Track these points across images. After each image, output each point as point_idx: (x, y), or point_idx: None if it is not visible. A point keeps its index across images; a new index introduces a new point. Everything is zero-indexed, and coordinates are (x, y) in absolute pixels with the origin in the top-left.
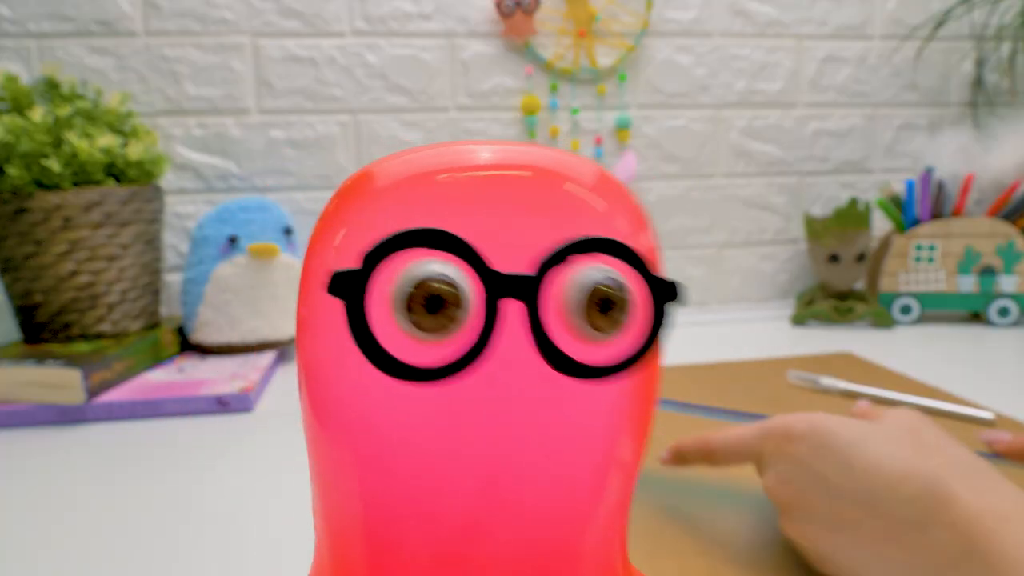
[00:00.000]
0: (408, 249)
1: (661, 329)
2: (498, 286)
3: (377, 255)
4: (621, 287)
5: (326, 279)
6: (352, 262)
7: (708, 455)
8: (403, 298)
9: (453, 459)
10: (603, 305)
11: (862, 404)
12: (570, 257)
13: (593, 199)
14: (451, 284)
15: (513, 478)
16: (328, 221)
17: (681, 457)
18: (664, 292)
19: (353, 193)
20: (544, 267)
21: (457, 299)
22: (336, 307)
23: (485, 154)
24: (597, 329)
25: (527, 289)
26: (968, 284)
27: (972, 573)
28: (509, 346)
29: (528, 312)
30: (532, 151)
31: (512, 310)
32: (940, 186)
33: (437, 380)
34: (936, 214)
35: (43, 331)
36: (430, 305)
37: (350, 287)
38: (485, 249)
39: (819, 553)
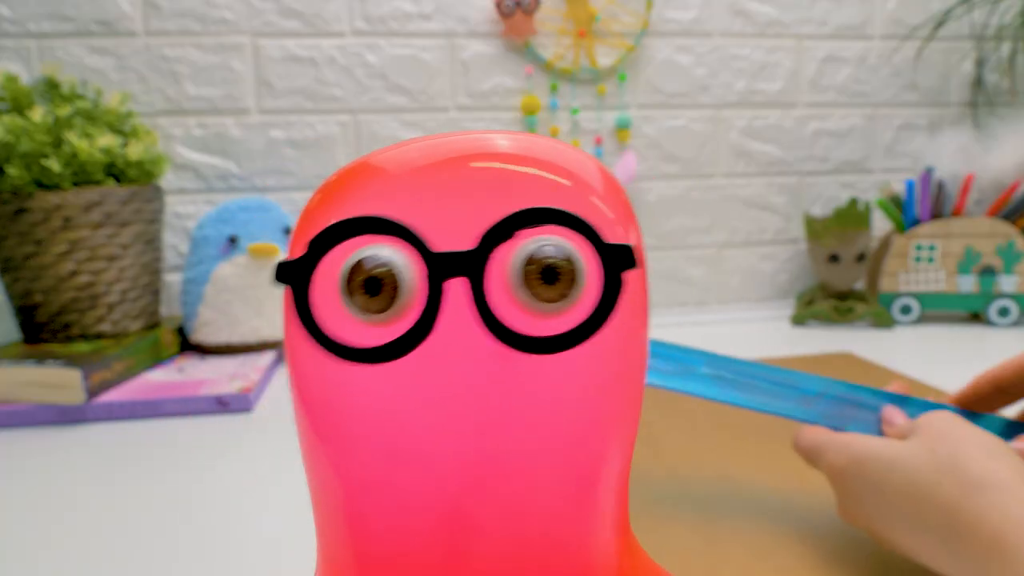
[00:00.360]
0: (355, 237)
1: (616, 297)
2: (439, 265)
3: (321, 242)
4: (564, 254)
5: (274, 269)
6: (302, 253)
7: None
8: (344, 282)
9: (416, 440)
10: (546, 275)
11: (891, 415)
12: (518, 232)
13: (545, 176)
14: (386, 266)
15: (489, 461)
16: (299, 220)
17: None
18: (618, 258)
19: (318, 194)
20: (485, 242)
21: (393, 279)
22: (289, 298)
23: (439, 145)
24: (544, 300)
25: (469, 265)
26: (968, 284)
27: None
28: (457, 324)
29: (472, 288)
30: (487, 139)
31: (459, 288)
32: (940, 186)
33: (380, 360)
34: (936, 214)
35: (43, 331)
36: (369, 288)
37: (295, 274)
38: (435, 232)
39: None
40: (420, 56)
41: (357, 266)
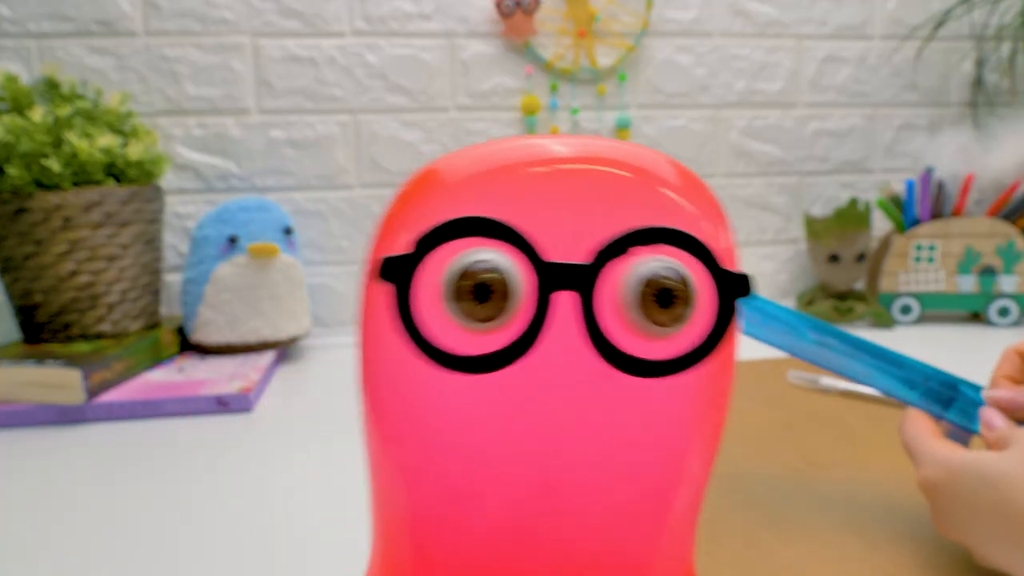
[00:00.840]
0: (462, 238)
1: (728, 324)
2: (551, 276)
3: (429, 241)
4: (681, 278)
5: (378, 266)
6: (407, 251)
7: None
8: (451, 286)
9: (500, 454)
10: (662, 298)
11: (991, 417)
12: (631, 249)
13: (662, 192)
14: (498, 272)
15: (567, 478)
16: (389, 216)
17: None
18: (733, 286)
19: (414, 189)
20: (600, 257)
21: (504, 288)
22: (388, 297)
23: (552, 148)
24: (656, 323)
25: (581, 279)
26: (968, 284)
27: None
28: (562, 338)
29: (582, 303)
30: (600, 144)
31: (567, 301)
32: (940, 186)
33: (482, 370)
34: (936, 214)
35: (43, 331)
36: (478, 294)
37: (400, 272)
38: (545, 240)
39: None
40: (420, 56)
41: (466, 270)
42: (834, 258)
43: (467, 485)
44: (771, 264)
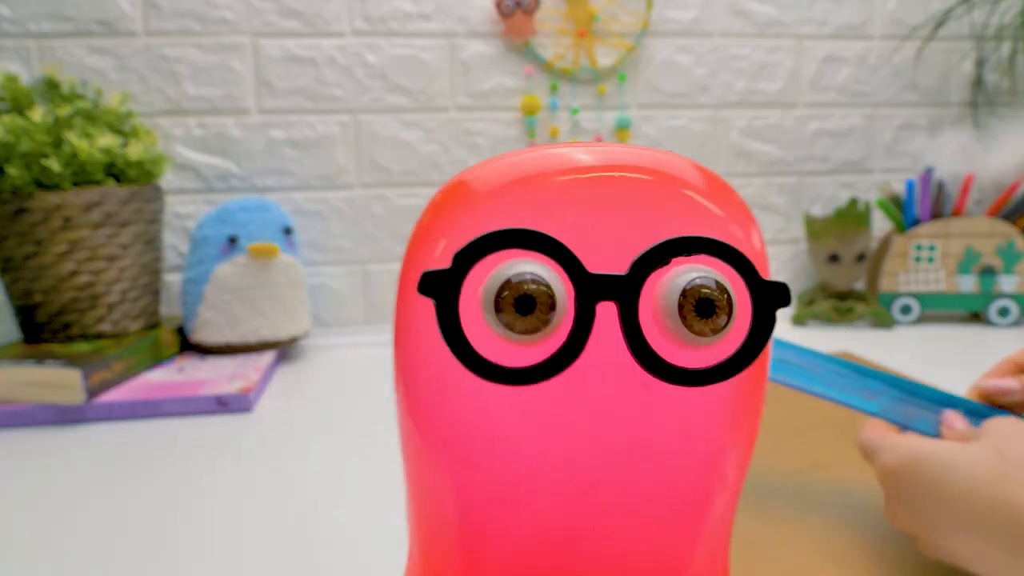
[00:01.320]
0: (501, 250)
1: (766, 334)
2: (591, 287)
3: (468, 255)
4: (720, 288)
5: (417, 279)
6: (446, 264)
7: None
8: (492, 298)
9: (546, 465)
10: (701, 307)
11: (952, 420)
12: (673, 259)
13: (698, 200)
14: (542, 284)
15: (610, 487)
16: (424, 230)
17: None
18: (770, 296)
19: (448, 201)
20: (638, 267)
21: (548, 299)
22: (430, 310)
23: (584, 156)
24: (695, 332)
25: (621, 290)
26: (968, 284)
27: None
28: (604, 349)
29: (621, 313)
30: (634, 152)
31: (608, 312)
32: (940, 186)
33: (527, 382)
34: (936, 214)
35: (43, 331)
36: (520, 306)
37: (441, 286)
38: (583, 250)
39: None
40: (420, 56)
41: (508, 282)
42: (834, 258)
43: (512, 490)
44: (771, 264)
